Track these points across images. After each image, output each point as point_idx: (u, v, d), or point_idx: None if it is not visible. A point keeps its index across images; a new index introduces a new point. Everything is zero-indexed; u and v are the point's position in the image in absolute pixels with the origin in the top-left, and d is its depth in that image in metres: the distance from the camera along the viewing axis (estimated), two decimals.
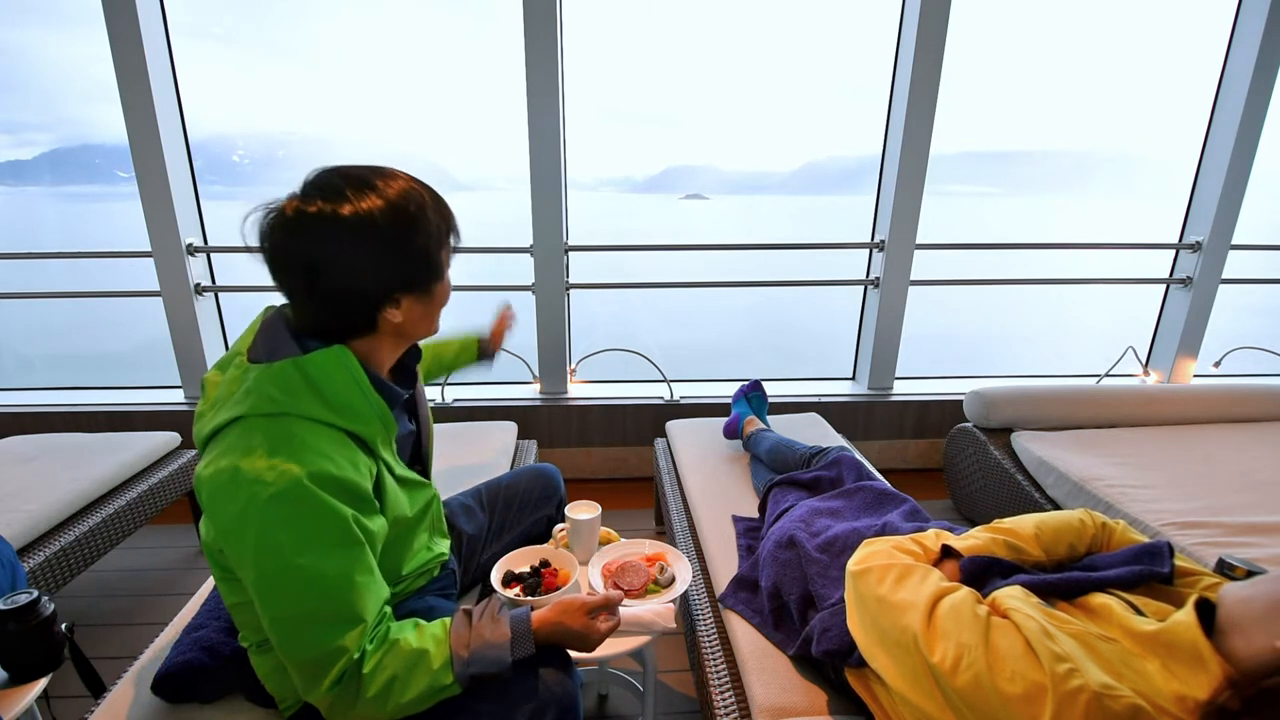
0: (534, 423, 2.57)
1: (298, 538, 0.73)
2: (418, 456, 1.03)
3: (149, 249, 2.39)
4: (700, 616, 1.27)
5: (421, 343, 0.96)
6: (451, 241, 0.87)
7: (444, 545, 1.09)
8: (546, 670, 0.86)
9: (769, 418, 2.02)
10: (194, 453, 2.10)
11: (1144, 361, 2.89)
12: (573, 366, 2.71)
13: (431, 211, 0.81)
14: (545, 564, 1.17)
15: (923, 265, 2.61)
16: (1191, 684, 0.62)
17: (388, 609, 0.83)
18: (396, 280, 0.80)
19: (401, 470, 0.93)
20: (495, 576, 1.15)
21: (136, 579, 2.01)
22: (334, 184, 0.77)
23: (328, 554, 0.74)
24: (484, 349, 1.48)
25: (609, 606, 0.90)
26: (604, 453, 2.65)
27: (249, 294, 2.58)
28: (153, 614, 1.82)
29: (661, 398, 2.62)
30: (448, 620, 0.85)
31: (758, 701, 1.00)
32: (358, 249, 0.76)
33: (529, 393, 2.66)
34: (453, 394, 2.64)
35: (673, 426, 2.14)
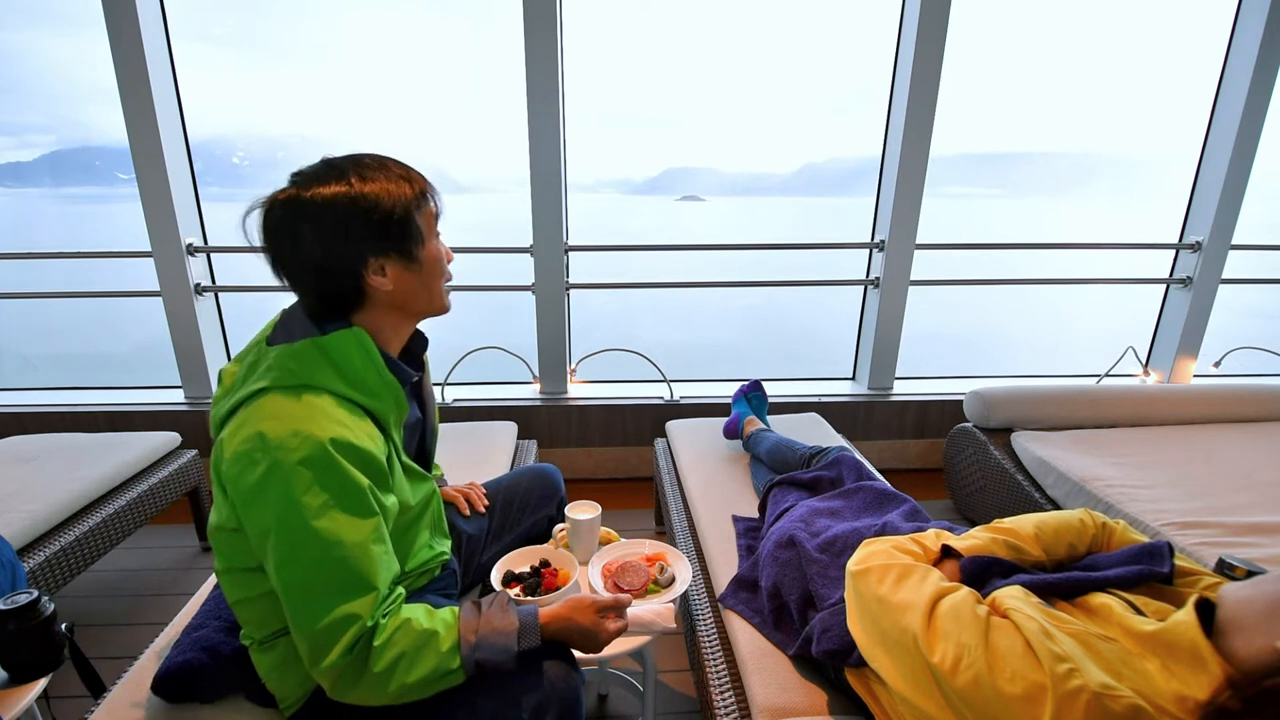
0: (534, 423, 2.57)
1: (319, 502, 0.74)
2: (420, 449, 1.05)
3: (149, 249, 2.40)
4: (700, 616, 1.27)
5: None
6: (431, 206, 0.88)
7: (445, 545, 1.09)
8: (551, 665, 0.86)
9: (769, 418, 2.02)
10: (194, 453, 2.10)
11: (1144, 361, 2.89)
12: (573, 366, 2.71)
13: (396, 179, 0.83)
14: (545, 564, 1.17)
15: (923, 265, 2.61)
16: (1191, 684, 0.62)
17: (400, 588, 0.84)
18: (366, 244, 0.82)
19: (405, 458, 0.95)
20: (495, 576, 1.15)
21: (136, 579, 2.01)
22: (306, 170, 0.83)
23: (347, 520, 0.76)
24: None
25: (618, 608, 0.91)
26: (604, 453, 2.65)
27: (249, 294, 2.59)
28: (153, 614, 1.82)
29: (661, 398, 2.62)
30: (457, 608, 0.86)
31: (758, 701, 1.00)
32: (319, 221, 0.80)
33: (529, 393, 2.66)
34: (453, 394, 2.64)
35: (673, 426, 2.14)
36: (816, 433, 2.06)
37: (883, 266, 2.58)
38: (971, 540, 0.93)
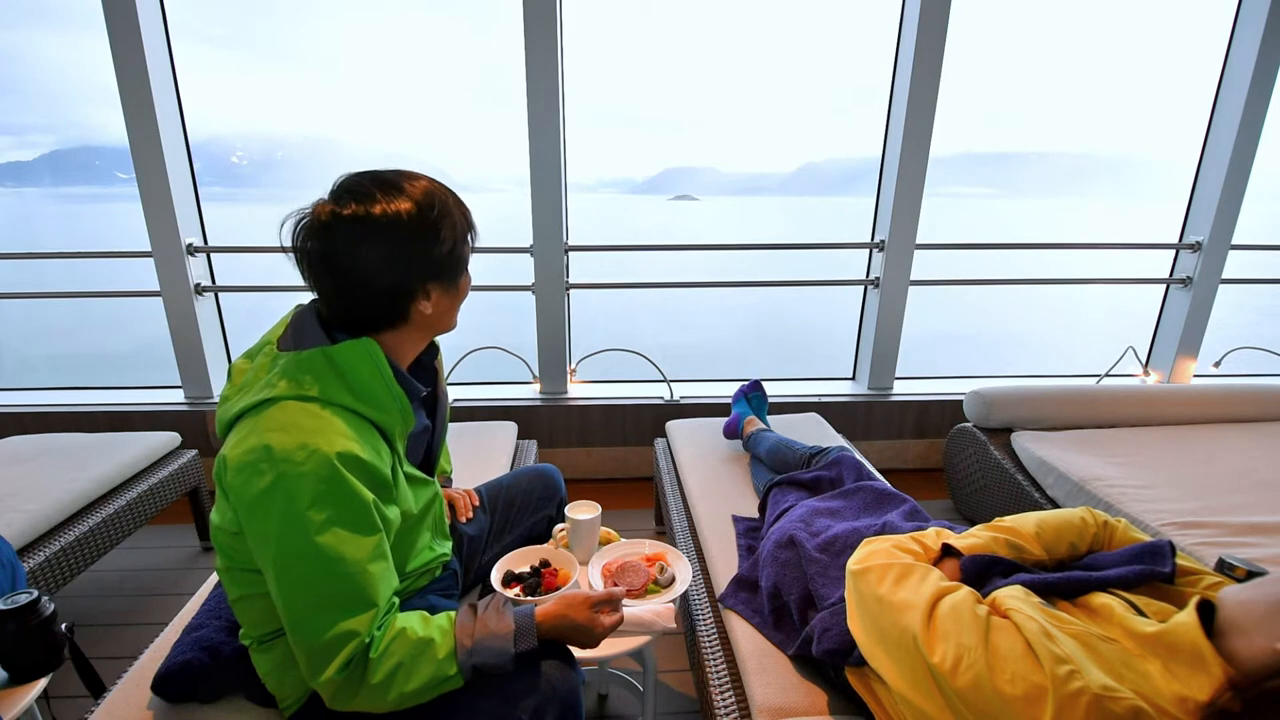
0: (534, 423, 2.57)
1: (322, 518, 0.74)
2: (426, 455, 1.04)
3: (149, 249, 2.40)
4: (700, 616, 1.27)
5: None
6: (471, 238, 0.90)
7: (446, 546, 1.09)
8: (549, 665, 0.86)
9: (769, 418, 2.02)
10: (194, 453, 2.10)
11: (1144, 361, 2.89)
12: (573, 366, 2.71)
13: (454, 207, 0.86)
14: (545, 564, 1.17)
15: (923, 265, 2.61)
16: (1192, 685, 0.62)
17: (395, 599, 0.84)
18: (427, 273, 0.84)
19: (408, 466, 0.95)
20: (495, 576, 1.15)
21: (136, 579, 2.01)
22: (363, 187, 0.81)
23: (349, 536, 0.76)
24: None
25: (612, 601, 0.91)
26: (604, 453, 2.64)
27: (249, 294, 2.59)
28: (153, 614, 1.82)
29: (661, 398, 2.62)
30: (453, 613, 0.85)
31: (758, 701, 1.00)
32: (389, 246, 0.80)
33: (529, 393, 2.66)
34: (453, 394, 2.64)
35: (673, 426, 2.14)
36: (816, 433, 2.06)
37: (883, 266, 2.58)
38: (972, 539, 0.93)
